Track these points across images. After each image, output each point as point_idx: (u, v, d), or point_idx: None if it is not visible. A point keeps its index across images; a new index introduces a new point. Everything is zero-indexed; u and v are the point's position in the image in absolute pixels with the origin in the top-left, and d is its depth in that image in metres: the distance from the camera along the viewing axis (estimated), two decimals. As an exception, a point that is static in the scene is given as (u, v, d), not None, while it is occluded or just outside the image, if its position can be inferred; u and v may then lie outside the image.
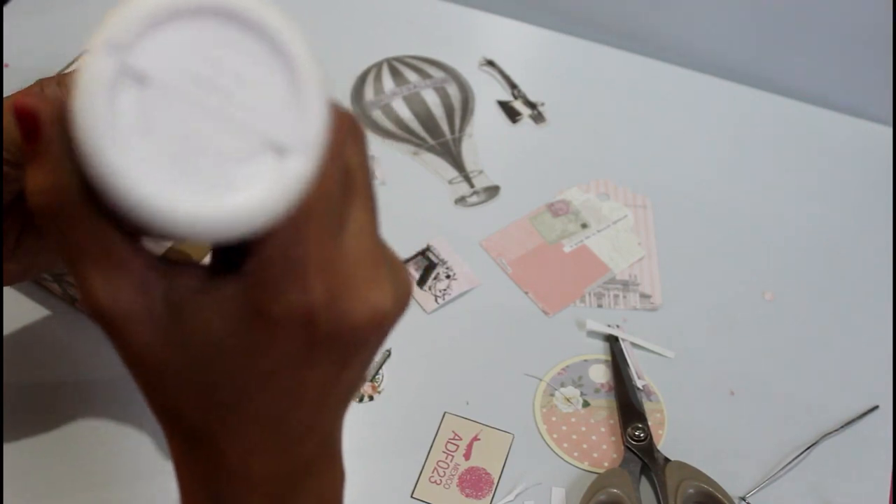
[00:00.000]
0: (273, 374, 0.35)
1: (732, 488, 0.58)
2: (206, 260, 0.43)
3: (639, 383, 0.62)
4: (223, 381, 0.34)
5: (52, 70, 0.52)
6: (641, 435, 0.60)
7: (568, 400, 0.62)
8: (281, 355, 0.34)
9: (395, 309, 0.35)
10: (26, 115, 0.32)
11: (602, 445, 0.60)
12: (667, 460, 0.58)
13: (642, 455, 0.59)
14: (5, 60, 0.75)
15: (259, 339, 0.34)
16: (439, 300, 0.66)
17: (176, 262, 0.34)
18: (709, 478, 0.57)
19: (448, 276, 0.67)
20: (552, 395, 0.62)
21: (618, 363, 0.63)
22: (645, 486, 0.58)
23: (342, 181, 0.34)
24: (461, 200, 0.72)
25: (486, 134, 0.76)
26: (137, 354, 0.34)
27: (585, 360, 0.64)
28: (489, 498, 0.58)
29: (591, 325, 0.65)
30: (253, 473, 0.36)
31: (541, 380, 0.63)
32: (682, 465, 0.58)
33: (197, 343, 0.34)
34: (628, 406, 0.61)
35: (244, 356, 0.34)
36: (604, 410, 0.62)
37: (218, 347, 0.34)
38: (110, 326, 0.33)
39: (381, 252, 0.35)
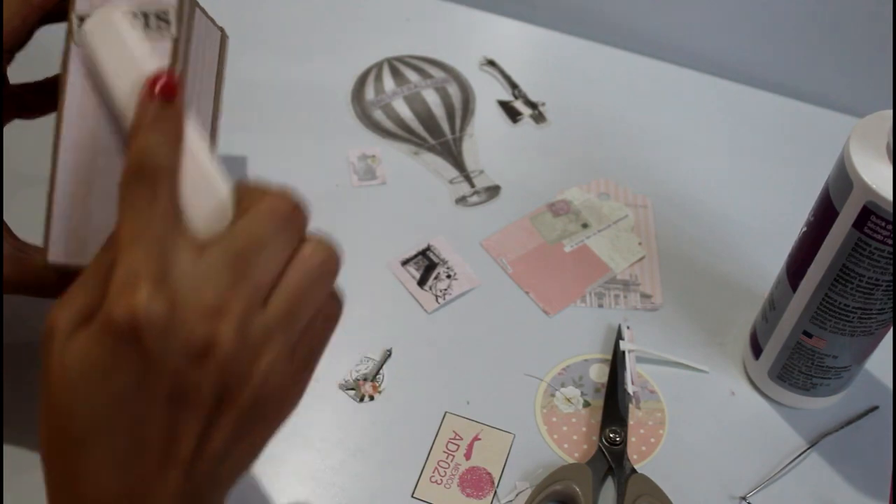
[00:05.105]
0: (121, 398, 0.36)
1: (732, 488, 0.58)
2: None
3: (630, 388, 0.62)
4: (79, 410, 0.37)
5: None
6: (617, 439, 0.59)
7: (568, 400, 0.62)
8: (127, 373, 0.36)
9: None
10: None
11: (602, 445, 0.61)
12: (633, 471, 0.58)
13: (611, 458, 0.58)
14: None
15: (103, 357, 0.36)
16: (440, 300, 0.66)
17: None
18: (667, 498, 0.56)
19: (449, 276, 0.67)
20: (553, 395, 0.62)
21: (616, 364, 0.63)
22: (609, 488, 0.58)
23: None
24: (462, 200, 0.72)
25: (486, 134, 0.76)
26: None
27: (586, 360, 0.64)
28: (490, 498, 0.58)
29: (625, 345, 0.63)
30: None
31: (541, 380, 0.63)
32: (644, 479, 0.57)
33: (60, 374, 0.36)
34: (613, 408, 0.61)
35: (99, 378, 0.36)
36: (604, 410, 0.62)
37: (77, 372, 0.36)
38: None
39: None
